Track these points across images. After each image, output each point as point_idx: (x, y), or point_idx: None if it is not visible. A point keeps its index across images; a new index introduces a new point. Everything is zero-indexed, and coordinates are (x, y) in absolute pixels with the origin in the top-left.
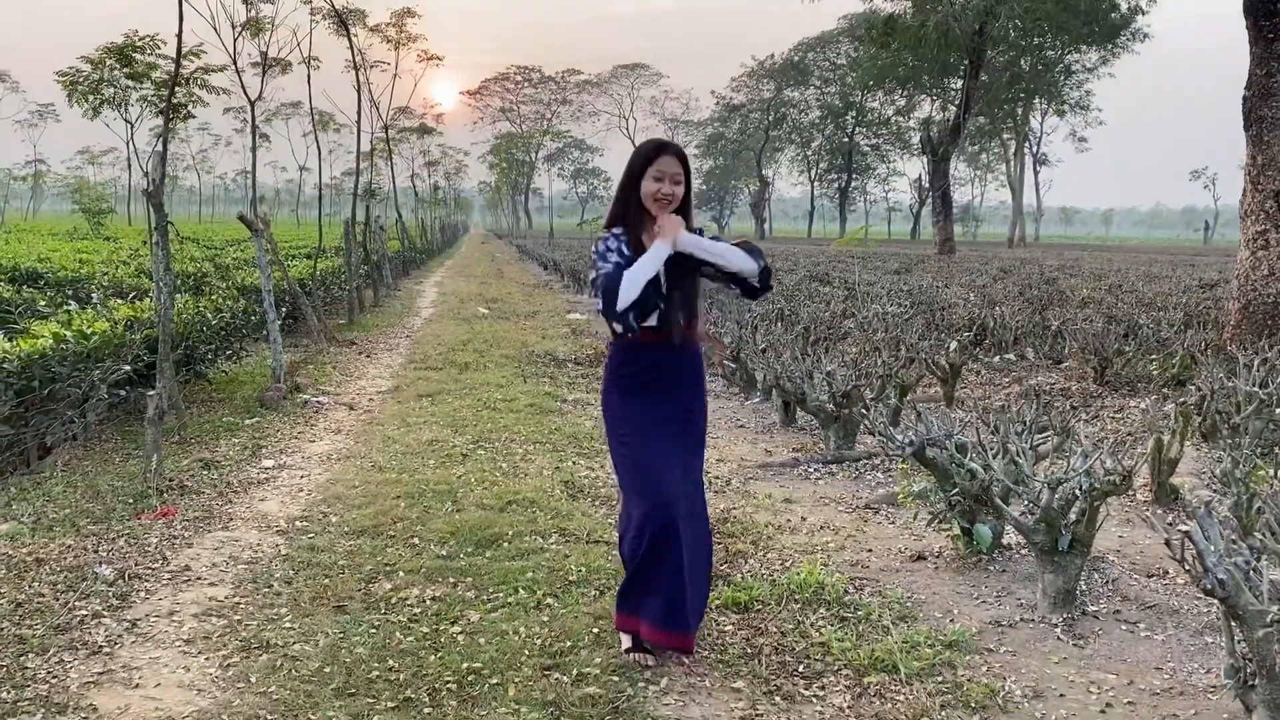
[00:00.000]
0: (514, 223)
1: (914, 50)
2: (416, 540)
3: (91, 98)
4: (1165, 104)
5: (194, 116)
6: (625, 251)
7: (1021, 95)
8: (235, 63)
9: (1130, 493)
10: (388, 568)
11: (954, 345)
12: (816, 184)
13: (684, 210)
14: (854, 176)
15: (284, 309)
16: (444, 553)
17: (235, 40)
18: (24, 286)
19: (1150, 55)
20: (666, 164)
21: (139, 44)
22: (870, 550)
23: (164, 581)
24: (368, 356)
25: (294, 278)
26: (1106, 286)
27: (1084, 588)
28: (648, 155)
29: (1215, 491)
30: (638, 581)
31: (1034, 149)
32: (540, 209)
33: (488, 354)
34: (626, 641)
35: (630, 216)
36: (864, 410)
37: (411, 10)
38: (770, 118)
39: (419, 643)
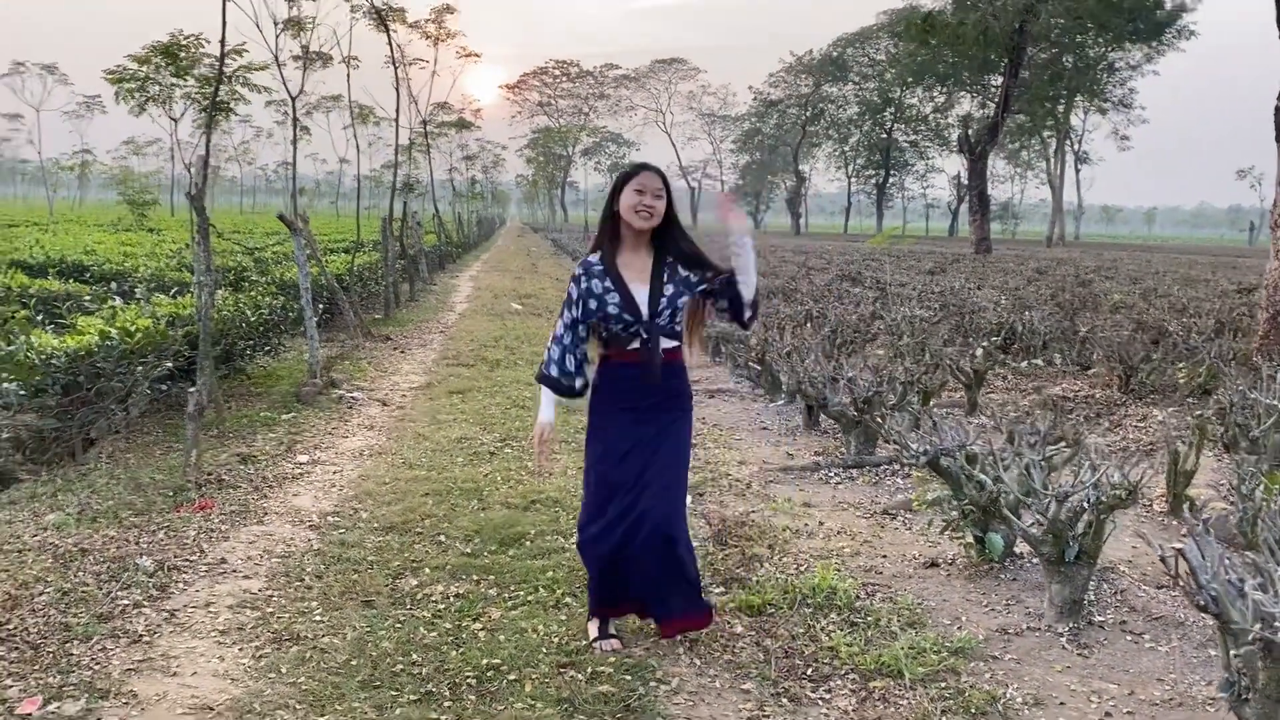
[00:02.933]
0: (550, 216)
1: (953, 47)
2: (443, 537)
3: (138, 94)
4: (1211, 101)
5: (236, 114)
6: (594, 288)
7: (1063, 93)
8: (276, 59)
9: (1146, 503)
10: (414, 564)
11: (980, 351)
12: (854, 180)
13: (666, 224)
14: (891, 173)
15: (321, 304)
16: (468, 550)
17: (276, 38)
18: (71, 280)
19: (1196, 52)
20: (647, 179)
21: (185, 42)
22: (885, 556)
23: (201, 573)
24: (402, 352)
25: (331, 273)
26: (1141, 291)
27: (1092, 598)
28: (628, 173)
29: (1230, 504)
30: (598, 586)
31: (1075, 147)
32: (576, 202)
33: (519, 350)
34: (593, 631)
35: (605, 240)
36: (881, 418)
37: (450, 7)
38: (808, 113)
39: (441, 638)
